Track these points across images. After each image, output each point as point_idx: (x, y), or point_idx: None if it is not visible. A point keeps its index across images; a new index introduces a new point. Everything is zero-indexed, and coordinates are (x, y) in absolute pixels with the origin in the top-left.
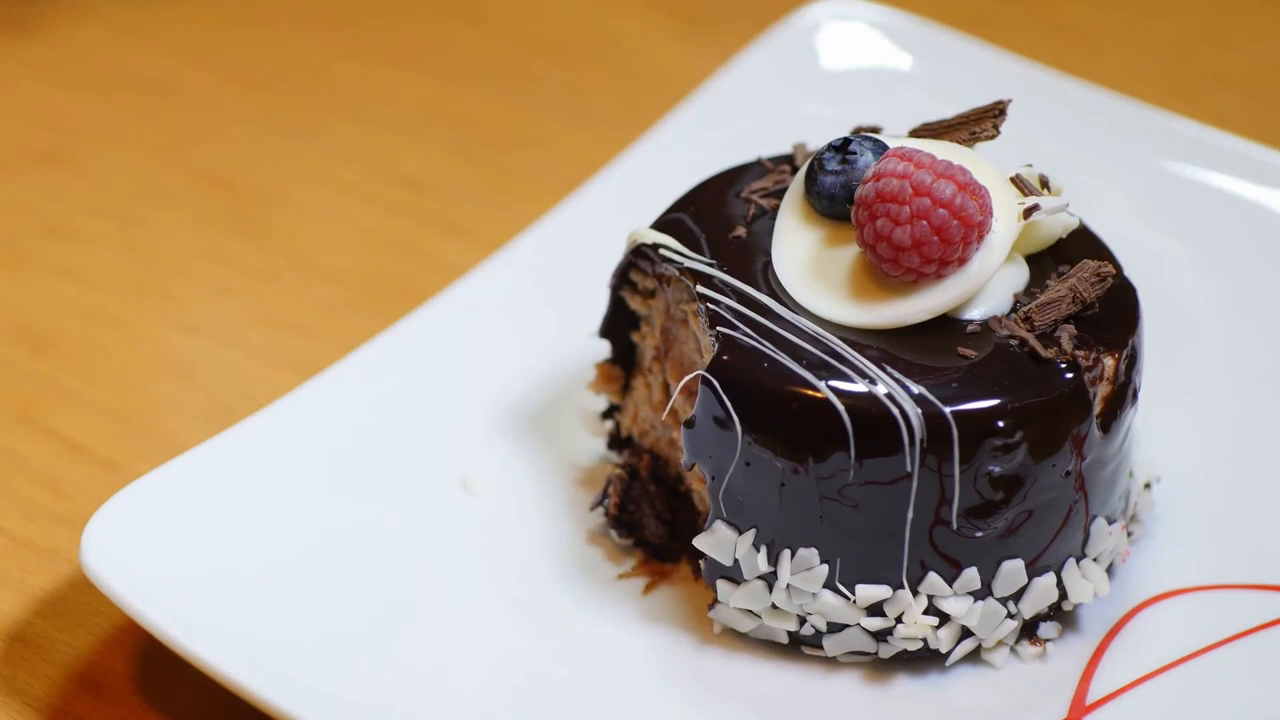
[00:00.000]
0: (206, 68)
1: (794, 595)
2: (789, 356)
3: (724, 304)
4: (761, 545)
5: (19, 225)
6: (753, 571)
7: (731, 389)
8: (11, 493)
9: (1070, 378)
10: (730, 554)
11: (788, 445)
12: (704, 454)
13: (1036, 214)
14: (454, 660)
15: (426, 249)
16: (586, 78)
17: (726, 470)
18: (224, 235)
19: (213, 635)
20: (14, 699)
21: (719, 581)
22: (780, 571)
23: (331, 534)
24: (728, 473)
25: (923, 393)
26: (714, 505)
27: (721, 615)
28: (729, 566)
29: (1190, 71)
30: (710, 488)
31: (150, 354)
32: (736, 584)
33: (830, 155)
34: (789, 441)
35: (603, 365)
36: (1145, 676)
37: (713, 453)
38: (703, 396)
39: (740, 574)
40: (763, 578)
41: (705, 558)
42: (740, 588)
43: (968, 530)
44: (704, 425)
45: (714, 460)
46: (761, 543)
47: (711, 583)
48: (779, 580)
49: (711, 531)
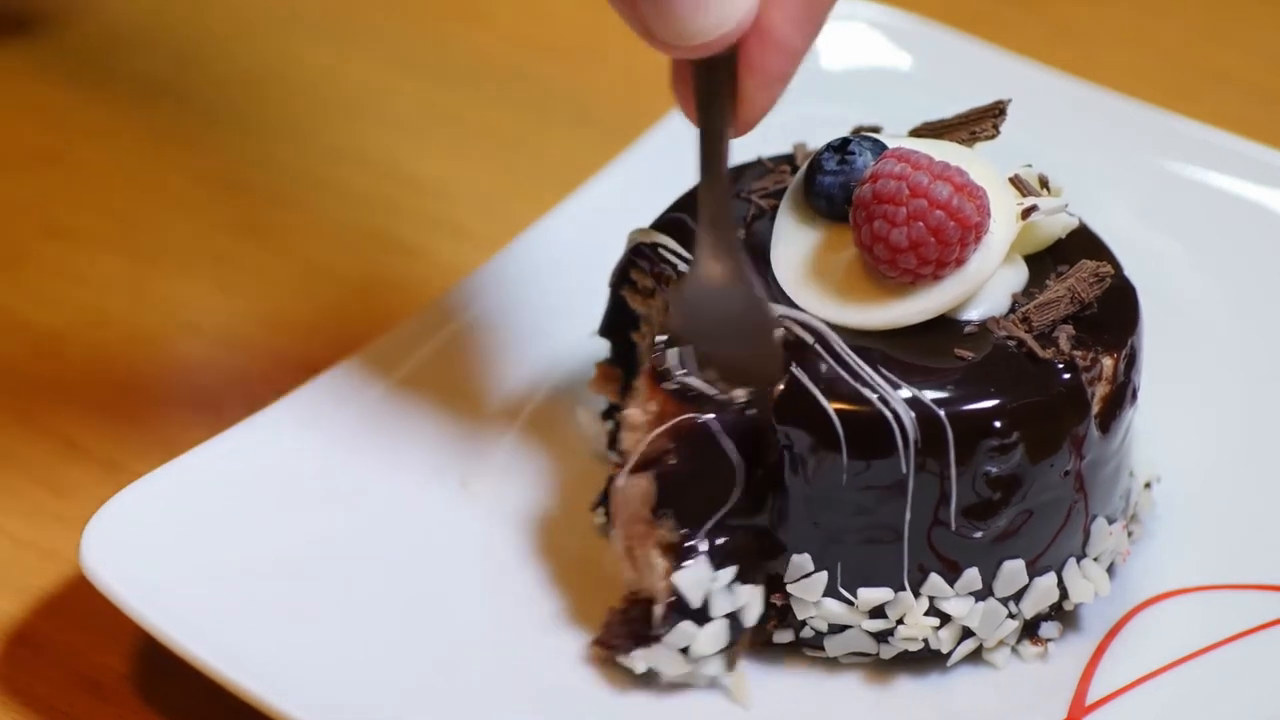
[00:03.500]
0: (206, 68)
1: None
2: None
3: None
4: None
5: (19, 225)
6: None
7: None
8: (11, 493)
9: (1068, 378)
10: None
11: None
12: None
13: (1035, 214)
14: (454, 660)
15: (426, 249)
16: (586, 78)
17: None
18: (224, 235)
19: (213, 635)
20: (14, 699)
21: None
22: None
23: (331, 534)
24: None
25: (917, 395)
26: None
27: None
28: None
29: (1190, 71)
30: None
31: (150, 354)
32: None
33: (829, 156)
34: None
35: (602, 365)
36: (1145, 676)
37: None
38: None
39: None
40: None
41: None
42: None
43: (967, 531)
44: None
45: None
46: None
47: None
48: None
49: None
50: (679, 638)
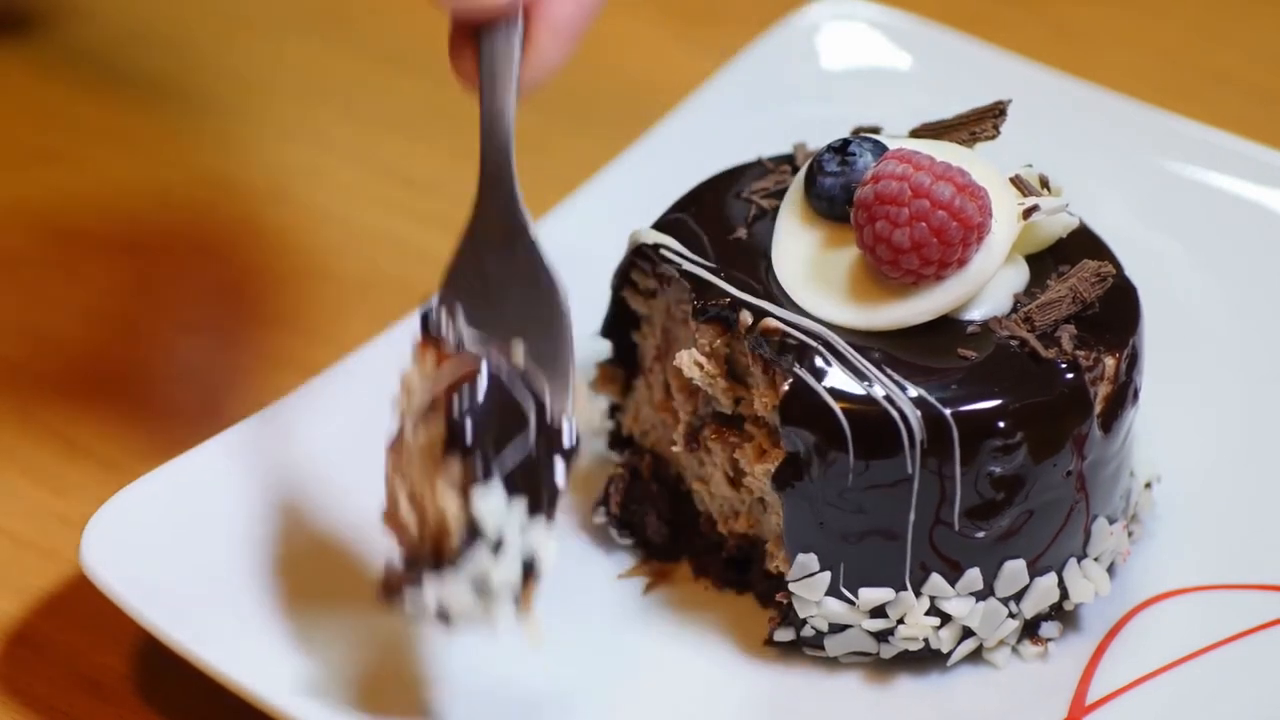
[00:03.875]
0: (207, 68)
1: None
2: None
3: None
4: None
5: (19, 225)
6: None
7: None
8: (11, 493)
9: (1071, 378)
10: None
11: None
12: None
13: (1036, 214)
14: (454, 660)
15: (426, 249)
16: (586, 78)
17: None
18: (224, 235)
19: (212, 635)
20: (14, 699)
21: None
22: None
23: (331, 534)
24: None
25: (922, 395)
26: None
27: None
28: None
29: (1190, 71)
30: None
31: (150, 354)
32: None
33: (829, 157)
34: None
35: (604, 365)
36: (1145, 676)
37: None
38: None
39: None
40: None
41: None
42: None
43: (969, 531)
44: None
45: None
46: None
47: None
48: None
49: None
50: (474, 567)
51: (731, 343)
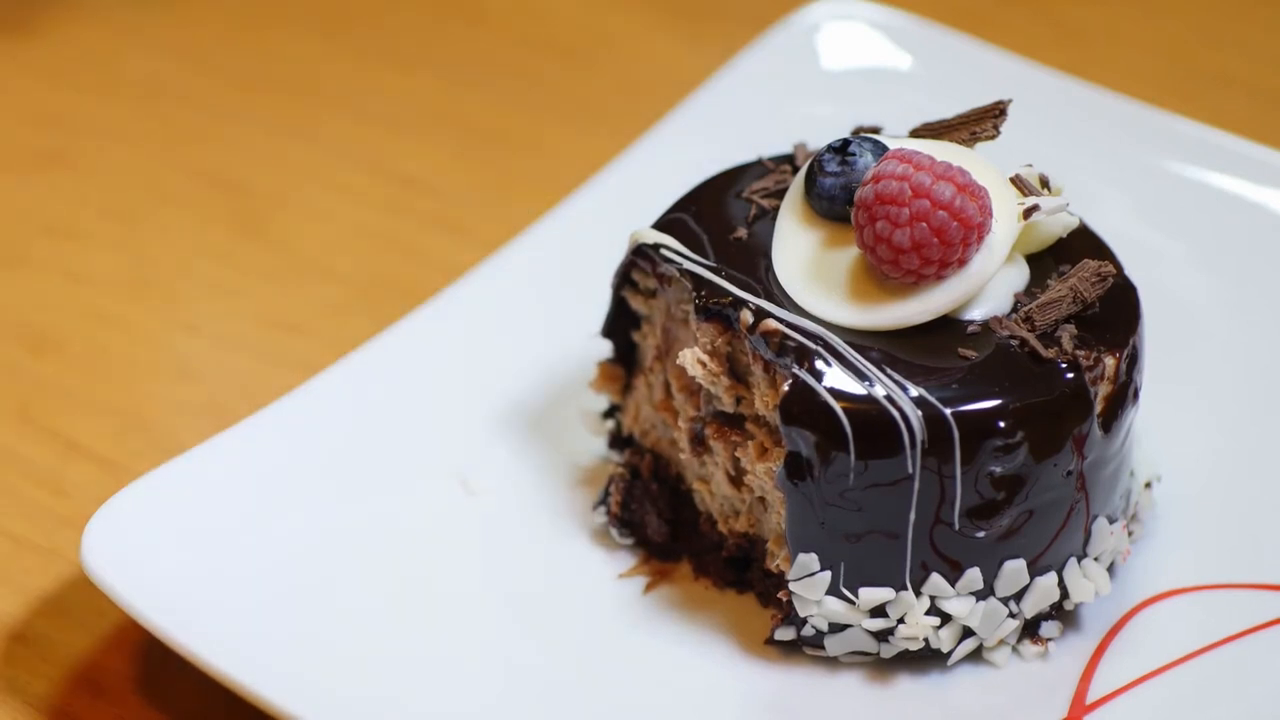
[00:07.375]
0: (206, 68)
1: (801, 605)
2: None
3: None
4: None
5: (19, 225)
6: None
7: None
8: (11, 493)
9: (1071, 378)
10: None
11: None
12: None
13: (1036, 214)
14: (454, 660)
15: (426, 249)
16: (586, 78)
17: None
18: (224, 235)
19: (213, 635)
20: (14, 699)
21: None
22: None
23: (331, 534)
24: None
25: (923, 394)
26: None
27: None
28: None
29: (1190, 71)
30: None
31: (150, 354)
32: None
33: (829, 157)
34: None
35: (604, 364)
36: (1145, 676)
37: None
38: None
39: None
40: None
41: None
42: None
43: (970, 531)
44: None
45: None
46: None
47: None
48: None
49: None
50: None
51: (733, 341)
